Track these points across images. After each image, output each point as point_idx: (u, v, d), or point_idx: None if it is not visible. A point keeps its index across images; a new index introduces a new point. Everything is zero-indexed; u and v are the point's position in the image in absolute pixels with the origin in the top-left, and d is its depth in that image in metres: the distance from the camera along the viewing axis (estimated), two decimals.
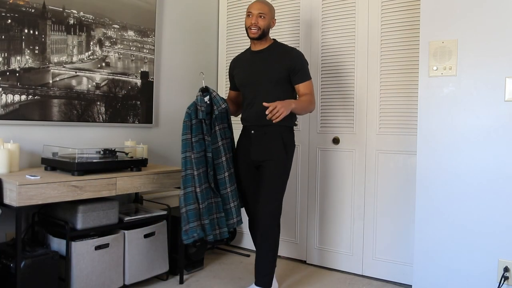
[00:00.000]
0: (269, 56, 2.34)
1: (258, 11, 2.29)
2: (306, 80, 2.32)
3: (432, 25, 2.21)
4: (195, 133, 2.25)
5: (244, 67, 2.43)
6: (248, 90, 2.39)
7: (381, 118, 2.69)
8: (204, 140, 2.28)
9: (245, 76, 2.40)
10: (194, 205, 2.21)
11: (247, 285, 2.55)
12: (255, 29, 2.29)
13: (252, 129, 2.36)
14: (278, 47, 2.38)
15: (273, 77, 2.30)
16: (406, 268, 2.58)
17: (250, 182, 2.41)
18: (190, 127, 2.24)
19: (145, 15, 2.89)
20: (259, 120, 2.30)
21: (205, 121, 2.27)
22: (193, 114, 2.26)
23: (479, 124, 2.09)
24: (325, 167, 2.92)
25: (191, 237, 2.19)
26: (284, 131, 2.34)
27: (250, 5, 2.36)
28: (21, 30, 2.25)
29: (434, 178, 2.21)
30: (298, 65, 2.30)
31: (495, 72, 2.04)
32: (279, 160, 2.31)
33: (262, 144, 2.33)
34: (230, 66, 2.56)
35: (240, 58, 2.52)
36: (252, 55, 2.40)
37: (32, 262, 1.92)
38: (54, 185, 1.93)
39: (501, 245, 2.03)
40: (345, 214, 2.84)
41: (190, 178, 2.21)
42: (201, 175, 2.24)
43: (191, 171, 2.21)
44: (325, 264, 2.93)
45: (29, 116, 2.30)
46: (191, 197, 2.21)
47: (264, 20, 2.30)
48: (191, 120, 2.25)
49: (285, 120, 2.27)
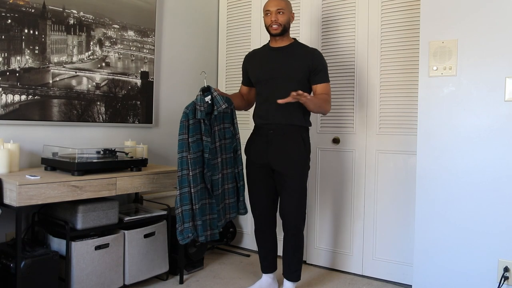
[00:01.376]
0: (289, 54, 2.31)
1: (276, 8, 2.27)
2: (325, 82, 2.31)
3: (432, 25, 2.21)
4: (192, 133, 2.23)
5: (261, 63, 2.39)
6: (264, 86, 2.34)
7: (381, 118, 2.69)
8: (202, 141, 2.26)
9: (263, 72, 2.35)
10: (189, 205, 2.21)
11: (247, 285, 2.55)
12: (276, 25, 2.27)
13: (269, 128, 2.32)
14: (299, 46, 2.35)
15: (293, 75, 2.28)
16: (406, 268, 2.58)
17: (262, 185, 2.39)
18: (187, 127, 2.22)
19: (145, 15, 2.89)
20: (276, 118, 2.28)
21: (205, 121, 2.26)
22: (191, 114, 2.23)
23: (479, 124, 2.09)
24: (325, 167, 2.92)
25: (186, 237, 2.20)
26: (303, 131, 2.33)
27: (267, 3, 2.32)
28: (21, 30, 2.25)
29: (434, 178, 2.21)
30: (320, 66, 2.29)
31: (495, 72, 2.04)
32: (301, 163, 2.31)
33: (282, 146, 2.29)
34: (244, 61, 2.51)
35: (256, 53, 2.47)
36: (271, 51, 2.37)
37: (32, 262, 1.92)
38: (54, 185, 1.93)
39: (501, 245, 2.03)
40: (345, 214, 2.84)
41: (186, 179, 2.21)
42: (197, 176, 2.23)
43: (187, 171, 2.21)
44: (325, 264, 2.93)
45: (29, 116, 2.30)
46: (186, 197, 2.21)
47: (284, 15, 2.28)
48: (188, 120, 2.23)
49: (303, 120, 2.30)
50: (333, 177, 2.89)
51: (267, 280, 2.50)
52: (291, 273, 2.38)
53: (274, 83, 2.30)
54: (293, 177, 2.29)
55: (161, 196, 2.95)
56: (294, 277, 2.39)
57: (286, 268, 2.40)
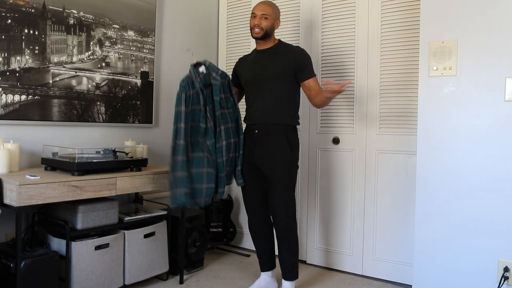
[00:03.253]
0: (273, 54, 2.38)
1: (261, 12, 2.34)
2: (313, 76, 2.35)
3: (432, 25, 2.21)
4: (188, 104, 2.23)
5: (249, 66, 2.46)
6: (251, 88, 2.41)
7: (381, 118, 2.69)
8: (200, 111, 2.26)
9: (250, 74, 2.42)
10: (182, 172, 2.19)
11: (247, 285, 2.55)
12: (258, 29, 2.34)
13: (255, 128, 2.37)
14: (282, 46, 2.42)
15: (276, 74, 2.33)
16: (406, 268, 2.58)
17: (253, 183, 2.42)
18: (185, 98, 2.23)
19: (145, 15, 2.89)
20: (262, 118, 2.34)
21: (203, 91, 2.26)
22: (187, 86, 2.24)
23: (479, 124, 2.09)
24: (325, 167, 2.92)
25: (175, 203, 2.21)
26: (289, 130, 2.35)
27: (255, 6, 2.40)
28: (21, 30, 2.25)
29: (434, 178, 2.21)
30: (303, 62, 2.34)
31: (495, 72, 2.04)
32: (286, 162, 2.33)
33: (266, 146, 2.33)
34: (236, 64, 2.59)
35: (246, 57, 2.56)
36: (257, 54, 2.44)
37: (32, 262, 1.92)
38: (54, 185, 1.93)
39: (501, 245, 2.03)
40: (345, 214, 2.84)
41: (179, 147, 2.19)
42: (194, 144, 2.23)
43: (182, 140, 2.19)
44: (325, 264, 2.93)
45: (29, 116, 2.30)
46: (178, 165, 2.19)
47: (267, 21, 2.34)
48: (185, 92, 2.23)
49: (289, 119, 2.33)
50: (333, 177, 2.89)
51: (266, 278, 2.51)
52: (287, 272, 2.40)
53: (259, 84, 2.37)
54: (279, 177, 2.31)
55: (161, 196, 2.95)
56: (290, 276, 2.40)
57: (282, 268, 2.41)
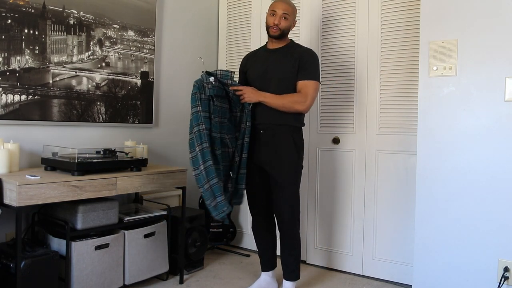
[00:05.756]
0: (283, 55, 2.32)
1: (282, 11, 2.26)
2: (307, 79, 2.25)
3: (432, 25, 2.21)
4: (205, 108, 2.13)
5: (257, 64, 2.41)
6: (258, 85, 2.35)
7: (381, 118, 2.69)
8: (210, 119, 2.17)
9: (257, 73, 2.37)
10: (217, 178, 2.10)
11: (247, 285, 2.56)
12: (276, 29, 2.27)
13: (260, 128, 2.33)
14: (293, 47, 2.35)
15: (283, 76, 2.29)
16: (406, 268, 2.58)
17: (258, 183, 2.41)
18: (200, 99, 2.12)
19: (145, 15, 2.89)
20: (268, 118, 2.30)
21: (213, 99, 2.18)
22: (201, 88, 2.14)
23: (479, 124, 2.09)
24: (325, 167, 2.92)
25: (221, 211, 2.11)
26: (295, 131, 2.33)
27: (275, 3, 2.31)
28: (21, 30, 2.25)
29: (434, 178, 2.21)
30: (306, 63, 2.26)
31: (495, 72, 2.04)
32: (292, 163, 2.31)
33: (273, 146, 2.30)
34: (241, 62, 2.53)
35: (253, 54, 2.50)
36: (267, 52, 2.39)
37: (32, 262, 1.92)
38: (54, 185, 1.93)
39: (501, 245, 2.03)
40: (345, 214, 2.84)
41: (207, 152, 2.08)
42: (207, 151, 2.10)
43: (206, 143, 2.09)
44: (325, 264, 2.93)
45: (29, 116, 2.30)
46: (212, 171, 2.08)
47: (287, 21, 2.28)
48: (200, 93, 2.13)
49: (294, 120, 2.30)
50: (333, 177, 2.89)
51: (266, 278, 2.51)
52: (289, 273, 2.39)
53: (266, 84, 2.32)
54: (284, 177, 2.29)
55: (161, 196, 2.95)
56: (292, 277, 2.39)
57: (284, 268, 2.40)
